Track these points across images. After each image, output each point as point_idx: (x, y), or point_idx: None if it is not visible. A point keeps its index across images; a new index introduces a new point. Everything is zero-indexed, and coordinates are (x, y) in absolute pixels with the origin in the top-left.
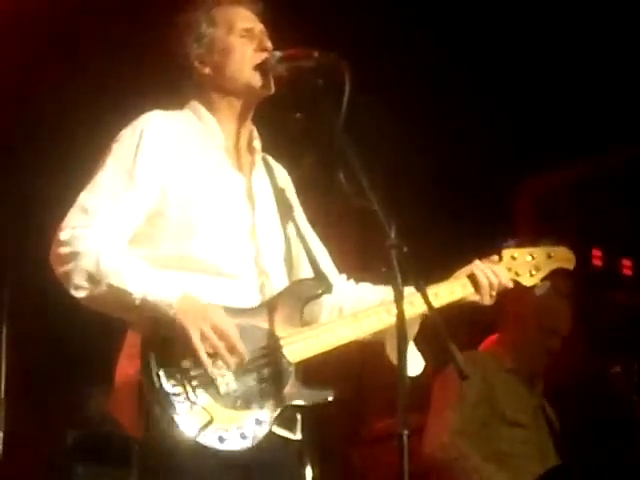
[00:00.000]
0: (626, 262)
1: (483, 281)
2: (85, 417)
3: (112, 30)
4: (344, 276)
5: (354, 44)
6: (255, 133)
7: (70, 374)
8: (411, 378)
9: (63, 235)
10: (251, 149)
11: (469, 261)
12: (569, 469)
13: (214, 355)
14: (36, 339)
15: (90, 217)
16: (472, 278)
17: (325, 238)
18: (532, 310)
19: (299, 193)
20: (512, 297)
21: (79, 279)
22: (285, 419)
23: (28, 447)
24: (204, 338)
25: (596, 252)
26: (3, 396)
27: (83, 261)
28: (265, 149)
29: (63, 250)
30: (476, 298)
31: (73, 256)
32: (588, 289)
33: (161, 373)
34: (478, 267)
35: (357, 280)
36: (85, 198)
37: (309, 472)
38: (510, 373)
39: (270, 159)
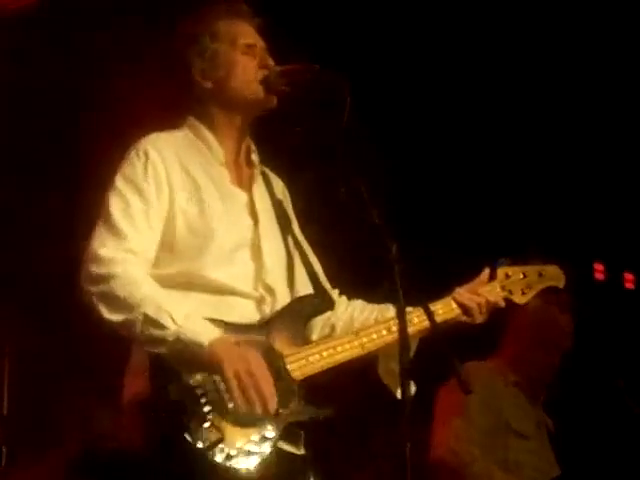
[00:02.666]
0: (628, 276)
1: (469, 304)
2: (90, 434)
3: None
4: (337, 291)
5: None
6: (253, 147)
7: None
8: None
9: (94, 256)
10: (250, 163)
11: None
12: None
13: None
14: (40, 355)
15: (116, 239)
16: (457, 302)
17: (326, 252)
18: (532, 326)
19: (299, 207)
20: (512, 313)
21: (113, 304)
22: (290, 435)
23: (30, 464)
24: (238, 377)
25: (598, 266)
26: (6, 412)
27: (117, 286)
28: (264, 163)
29: (96, 271)
30: (468, 319)
31: (106, 278)
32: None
33: (170, 390)
34: (458, 293)
35: (358, 295)
36: (108, 222)
37: None
38: (514, 386)
39: (267, 171)
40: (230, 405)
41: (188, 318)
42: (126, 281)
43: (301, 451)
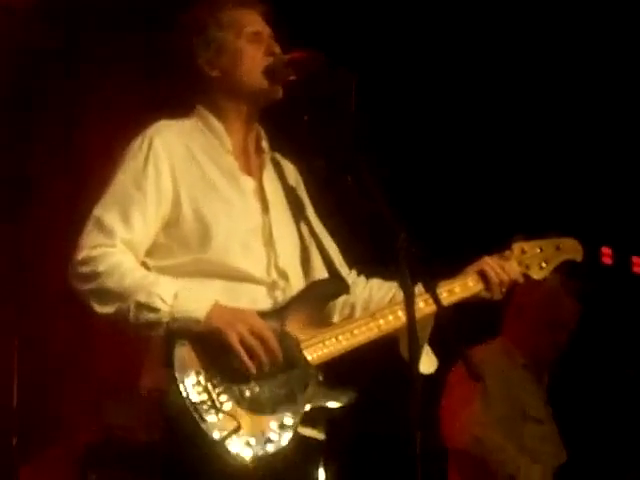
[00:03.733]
0: (637, 260)
1: (493, 278)
2: (103, 425)
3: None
4: (354, 272)
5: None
6: (262, 133)
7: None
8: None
9: (81, 255)
10: (259, 150)
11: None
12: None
13: (252, 357)
14: (51, 344)
15: (105, 234)
16: (482, 275)
17: (336, 239)
18: (539, 305)
19: (311, 194)
20: (518, 293)
21: (103, 297)
22: (310, 420)
23: (41, 455)
24: (243, 340)
25: (606, 250)
26: (15, 404)
27: (105, 280)
28: (273, 147)
29: (83, 270)
30: (487, 295)
31: (94, 276)
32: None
33: (186, 381)
34: (487, 263)
35: (367, 275)
36: (99, 214)
37: (322, 473)
38: (524, 369)
39: (279, 157)
40: (247, 393)
41: (177, 296)
42: (112, 274)
43: (321, 436)
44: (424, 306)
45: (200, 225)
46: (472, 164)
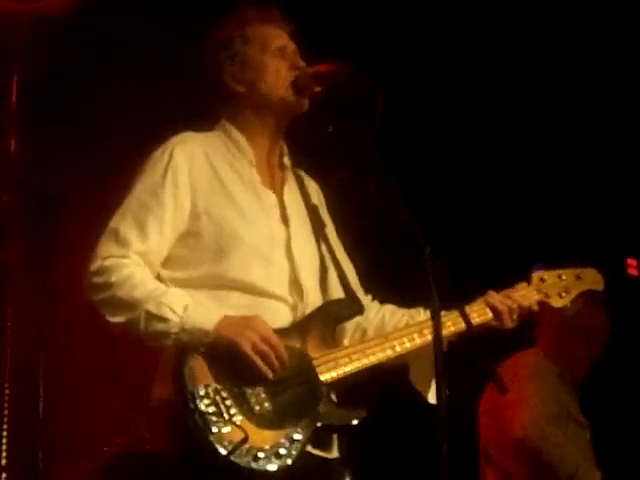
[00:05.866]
0: None
1: (500, 308)
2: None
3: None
4: (369, 297)
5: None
6: (285, 149)
7: (106, 394)
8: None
9: (94, 266)
10: (281, 165)
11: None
12: None
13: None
14: (78, 359)
15: (120, 245)
16: (489, 305)
17: (358, 254)
18: (571, 321)
19: (333, 209)
20: (549, 310)
21: (114, 307)
22: (320, 438)
23: (66, 467)
24: (255, 347)
25: (631, 261)
26: (41, 416)
27: (117, 291)
28: (296, 164)
29: (96, 280)
30: (498, 324)
31: (106, 286)
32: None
33: (195, 392)
34: (492, 296)
35: (389, 297)
36: (115, 224)
37: None
38: (559, 377)
39: (303, 174)
40: (257, 407)
41: (187, 308)
42: (124, 285)
43: (333, 455)
44: (443, 328)
45: (219, 238)
46: (491, 187)
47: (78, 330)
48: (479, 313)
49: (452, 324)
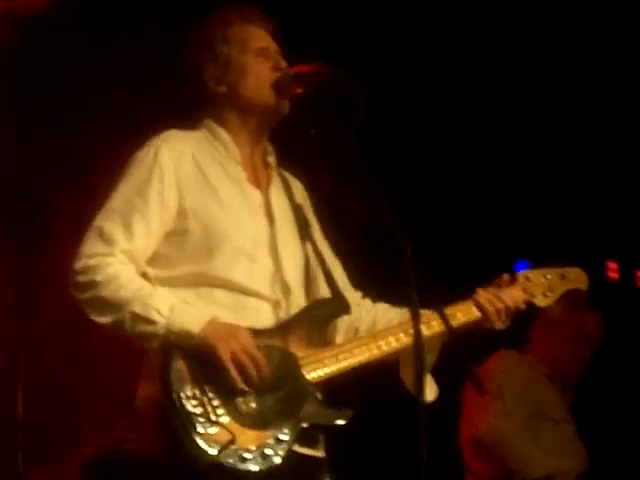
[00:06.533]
0: None
1: (489, 307)
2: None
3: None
4: (360, 294)
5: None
6: (269, 149)
7: (87, 394)
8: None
9: (79, 264)
10: (266, 164)
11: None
12: None
13: (242, 374)
14: (54, 357)
15: (106, 243)
16: (478, 305)
17: (342, 254)
18: (563, 322)
19: (317, 210)
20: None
21: (100, 307)
22: (307, 438)
23: (45, 468)
24: (234, 357)
25: (611, 265)
26: (21, 416)
27: (102, 290)
28: (281, 165)
29: (81, 279)
30: (487, 324)
31: (91, 285)
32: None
33: (182, 393)
34: (480, 295)
35: (373, 298)
36: (100, 223)
37: None
38: (545, 377)
39: (287, 174)
40: (243, 408)
41: (173, 309)
42: (109, 284)
43: (320, 454)
44: (425, 329)
45: (205, 236)
46: (474, 185)
47: (59, 329)
48: (464, 312)
49: (437, 324)
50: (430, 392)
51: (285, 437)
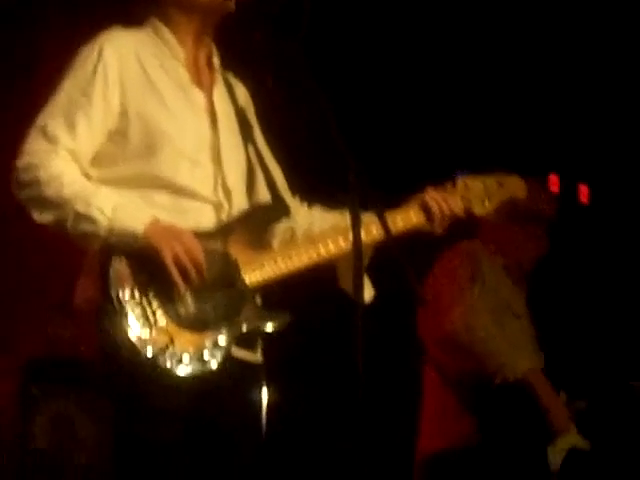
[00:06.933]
0: (583, 189)
1: (435, 210)
2: (43, 339)
3: None
4: (298, 199)
5: None
6: (214, 50)
7: (28, 295)
8: None
9: (22, 162)
10: (210, 65)
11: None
12: None
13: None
14: None
15: (49, 141)
16: (424, 207)
17: (282, 159)
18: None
19: (260, 115)
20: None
21: (42, 206)
22: (245, 342)
23: None
24: (177, 260)
25: (553, 178)
26: None
27: (45, 188)
28: (225, 68)
29: (23, 177)
30: (428, 228)
31: (34, 183)
32: None
33: (120, 294)
34: (430, 195)
35: (310, 203)
36: (43, 121)
37: (265, 394)
38: (505, 269)
39: (231, 77)
40: (182, 311)
41: (116, 210)
42: (52, 183)
43: (257, 359)
44: (364, 235)
45: (147, 137)
46: (418, 97)
47: None
48: (404, 218)
49: (376, 230)
50: (367, 293)
51: (223, 341)
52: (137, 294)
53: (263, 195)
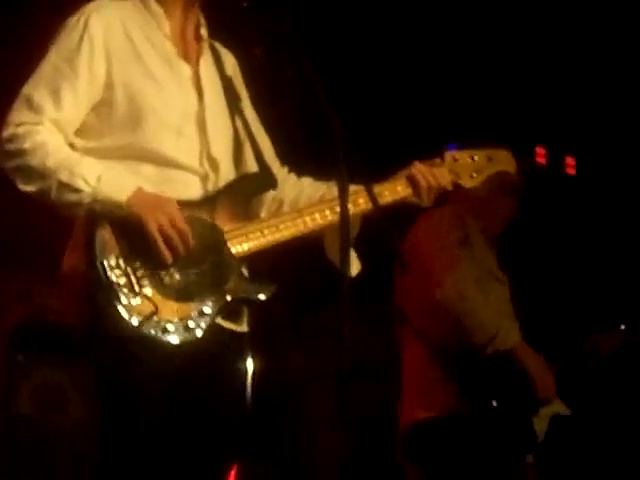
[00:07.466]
0: (570, 160)
1: (422, 183)
2: (29, 307)
3: None
4: (286, 168)
5: None
6: (202, 20)
7: (14, 264)
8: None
9: (7, 132)
10: (198, 37)
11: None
12: None
13: (169, 247)
14: None
15: (34, 112)
16: (411, 179)
17: (270, 129)
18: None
19: (249, 85)
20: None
21: (26, 175)
22: (230, 312)
23: None
24: (161, 230)
25: (540, 150)
26: None
27: (29, 158)
28: (213, 37)
29: (8, 147)
30: (415, 200)
31: (19, 153)
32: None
33: (105, 263)
34: (417, 168)
35: (299, 173)
36: (28, 91)
37: (250, 364)
38: (482, 233)
39: (218, 46)
40: (167, 280)
41: (100, 178)
42: (37, 152)
43: (243, 329)
44: (352, 207)
45: (132, 108)
46: (405, 71)
47: None
48: (391, 191)
49: (364, 201)
50: (354, 267)
51: (208, 310)
52: (122, 263)
53: (251, 166)
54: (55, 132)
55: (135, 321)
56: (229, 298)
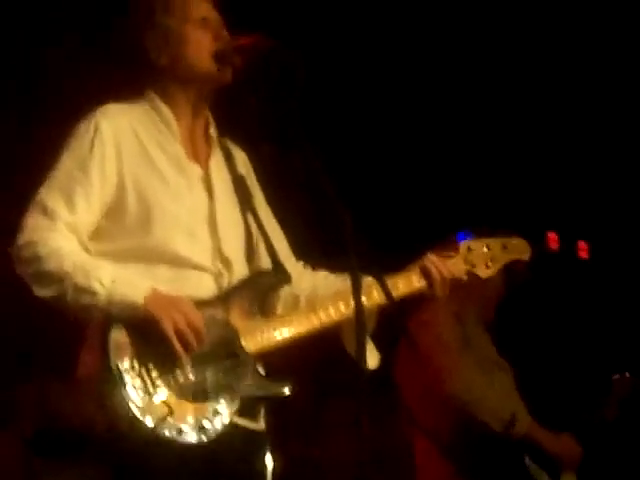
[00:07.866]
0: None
1: (436, 276)
2: (45, 412)
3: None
4: (301, 263)
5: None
6: (211, 120)
7: (29, 368)
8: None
9: (23, 239)
10: (207, 136)
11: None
12: None
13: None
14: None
15: (48, 217)
16: (424, 271)
17: (283, 224)
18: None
19: (260, 180)
20: None
21: (43, 280)
22: (246, 410)
23: None
24: (177, 329)
25: (552, 235)
26: None
27: (45, 264)
28: (224, 134)
29: (24, 254)
30: (429, 292)
31: (35, 259)
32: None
33: (120, 365)
34: (430, 260)
35: (314, 267)
36: (42, 197)
37: (270, 461)
38: (476, 319)
39: (230, 143)
40: (181, 380)
41: (115, 280)
42: (52, 257)
43: (260, 426)
44: (366, 300)
45: (143, 211)
46: (418, 155)
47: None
48: (405, 282)
49: (378, 294)
50: (372, 359)
51: (223, 409)
52: (136, 364)
53: (264, 263)
54: (70, 237)
55: (150, 422)
56: (244, 396)
